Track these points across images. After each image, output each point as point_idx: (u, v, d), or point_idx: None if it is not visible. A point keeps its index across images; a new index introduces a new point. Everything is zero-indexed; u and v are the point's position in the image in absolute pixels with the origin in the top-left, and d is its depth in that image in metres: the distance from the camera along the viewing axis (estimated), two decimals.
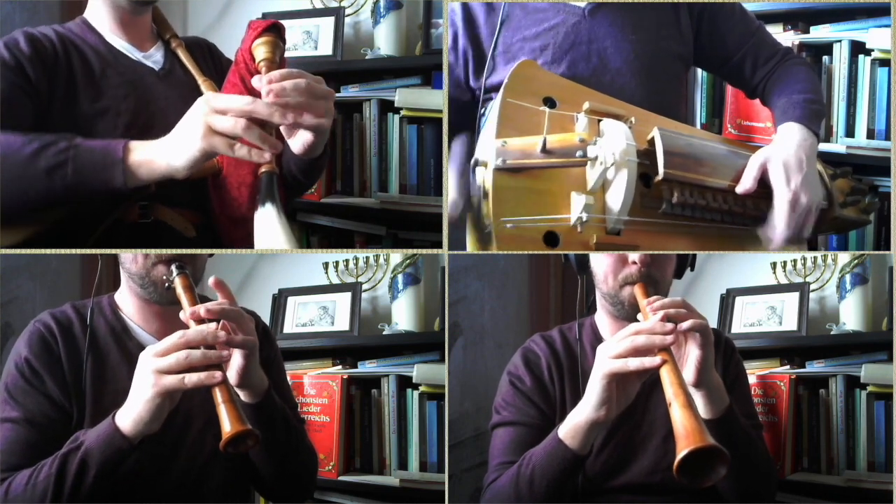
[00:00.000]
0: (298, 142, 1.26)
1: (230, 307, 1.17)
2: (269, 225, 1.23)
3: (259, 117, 1.15)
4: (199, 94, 1.37)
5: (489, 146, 1.22)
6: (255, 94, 1.19)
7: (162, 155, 1.18)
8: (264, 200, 1.23)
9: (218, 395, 1.06)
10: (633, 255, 1.29)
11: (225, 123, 1.14)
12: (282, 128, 1.24)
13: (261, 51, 1.30)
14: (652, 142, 1.28)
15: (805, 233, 1.32)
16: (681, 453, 0.99)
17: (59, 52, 1.32)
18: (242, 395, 1.21)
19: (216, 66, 1.48)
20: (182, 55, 1.43)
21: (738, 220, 1.34)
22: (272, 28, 1.32)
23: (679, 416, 1.03)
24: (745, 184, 1.31)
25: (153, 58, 1.42)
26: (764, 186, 1.31)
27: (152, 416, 1.09)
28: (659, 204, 1.28)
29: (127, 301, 1.31)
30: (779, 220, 1.30)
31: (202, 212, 1.38)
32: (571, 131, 1.27)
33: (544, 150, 1.22)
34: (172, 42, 1.44)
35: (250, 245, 1.29)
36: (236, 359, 1.17)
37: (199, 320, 1.14)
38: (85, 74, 1.32)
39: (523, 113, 1.26)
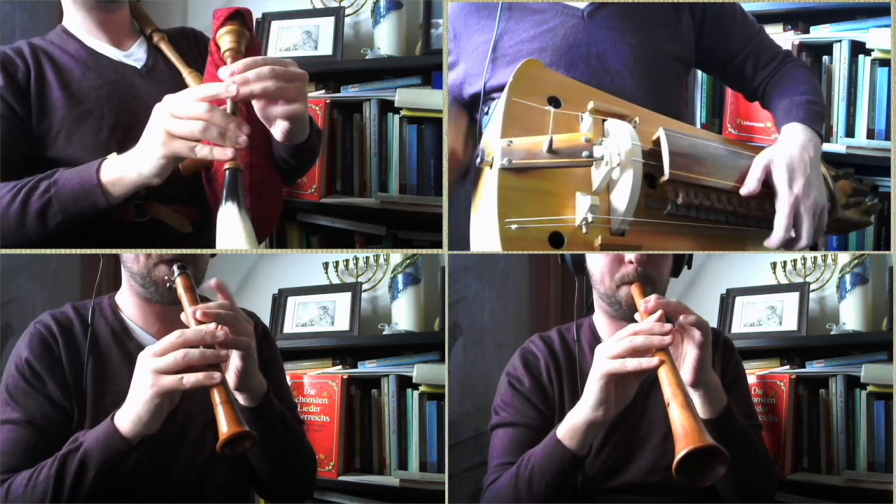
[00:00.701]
0: (278, 130, 1.25)
1: (225, 311, 1.15)
2: (229, 223, 1.21)
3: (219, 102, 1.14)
4: (185, 86, 1.35)
5: (494, 146, 1.21)
6: None
7: (130, 168, 1.17)
8: (226, 198, 1.21)
9: (216, 396, 1.06)
10: (630, 255, 1.28)
11: (182, 127, 1.13)
12: (259, 115, 1.23)
13: (225, 40, 1.28)
14: (657, 142, 1.27)
15: (815, 235, 1.30)
16: (680, 453, 1.00)
17: (30, 66, 1.32)
18: (241, 399, 1.20)
19: (203, 55, 1.45)
20: (165, 49, 1.41)
21: (743, 221, 1.33)
22: (235, 16, 1.29)
23: (678, 416, 1.03)
24: (749, 185, 1.30)
25: (135, 55, 1.41)
26: (768, 187, 1.31)
27: (151, 416, 1.09)
28: (664, 205, 1.27)
29: (127, 301, 1.31)
30: (779, 224, 1.29)
31: (200, 207, 1.37)
32: (576, 131, 1.26)
33: (550, 150, 1.21)
34: (155, 37, 1.42)
35: None
36: (234, 361, 1.17)
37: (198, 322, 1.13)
38: (61, 83, 1.32)
39: (528, 112, 1.24)
